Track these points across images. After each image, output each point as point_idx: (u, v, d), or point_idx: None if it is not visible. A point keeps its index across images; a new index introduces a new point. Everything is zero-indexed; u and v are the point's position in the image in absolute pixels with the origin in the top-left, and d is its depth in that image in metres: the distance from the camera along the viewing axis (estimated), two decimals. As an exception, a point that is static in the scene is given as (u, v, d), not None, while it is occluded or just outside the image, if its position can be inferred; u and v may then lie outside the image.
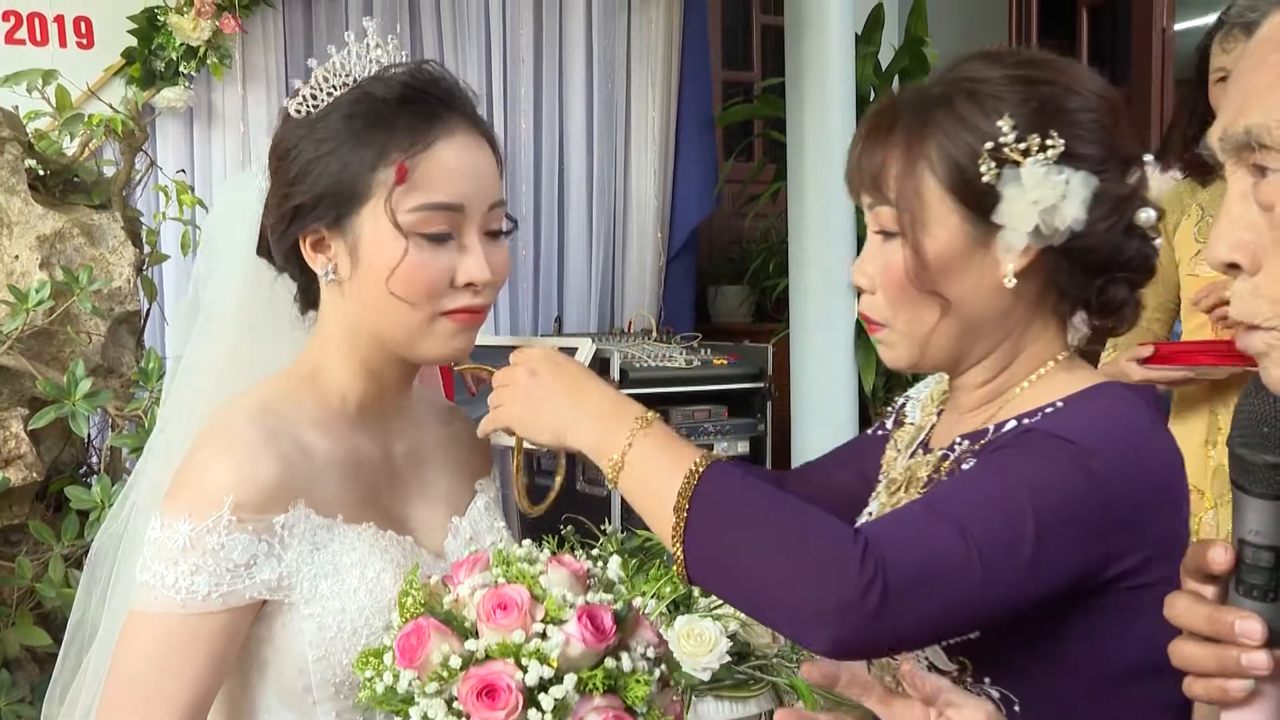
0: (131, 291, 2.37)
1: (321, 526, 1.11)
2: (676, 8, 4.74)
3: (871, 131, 1.10)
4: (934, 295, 1.08)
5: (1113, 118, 1.08)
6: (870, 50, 4.48)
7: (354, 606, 1.10)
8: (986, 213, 1.05)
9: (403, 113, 1.10)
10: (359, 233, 1.11)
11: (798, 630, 0.97)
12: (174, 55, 3.81)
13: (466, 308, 1.13)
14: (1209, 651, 0.78)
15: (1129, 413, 1.04)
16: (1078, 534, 0.93)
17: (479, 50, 4.48)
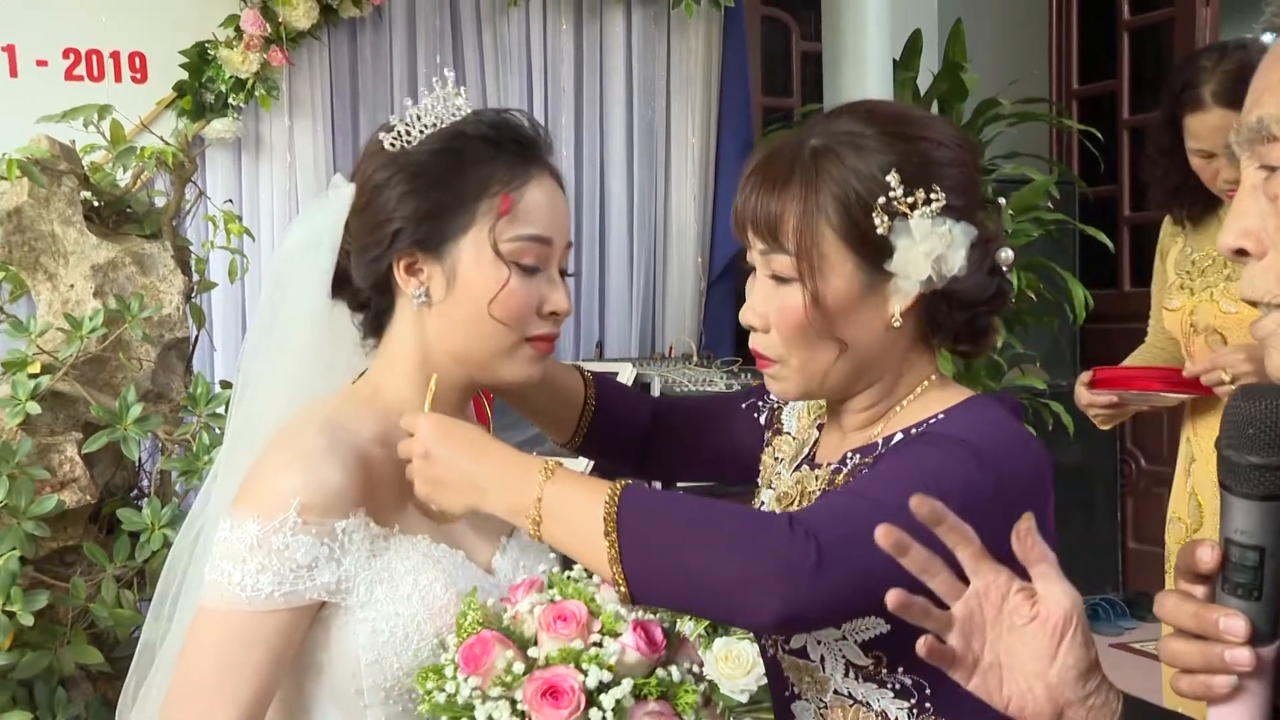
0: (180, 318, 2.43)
1: (379, 535, 1.17)
2: (715, 35, 4.78)
3: (766, 181, 1.16)
4: (830, 337, 1.16)
5: (974, 165, 1.19)
6: (909, 76, 4.49)
7: (407, 613, 1.15)
8: (880, 262, 1.13)
9: (500, 151, 1.20)
10: (458, 258, 1.19)
11: (747, 605, 1.02)
12: (223, 88, 3.90)
13: (547, 335, 1.23)
14: (1195, 648, 0.80)
15: (1003, 420, 1.14)
16: (974, 518, 0.95)
17: (520, 78, 4.54)
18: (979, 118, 4.55)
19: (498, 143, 1.20)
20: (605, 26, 4.66)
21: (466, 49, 4.47)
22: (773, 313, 1.18)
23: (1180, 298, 2.39)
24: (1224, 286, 2.30)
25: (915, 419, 1.17)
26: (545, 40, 4.59)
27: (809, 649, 1.15)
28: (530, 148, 1.23)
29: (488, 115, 1.23)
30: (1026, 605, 0.89)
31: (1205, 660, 0.80)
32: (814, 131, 1.17)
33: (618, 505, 1.05)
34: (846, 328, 1.16)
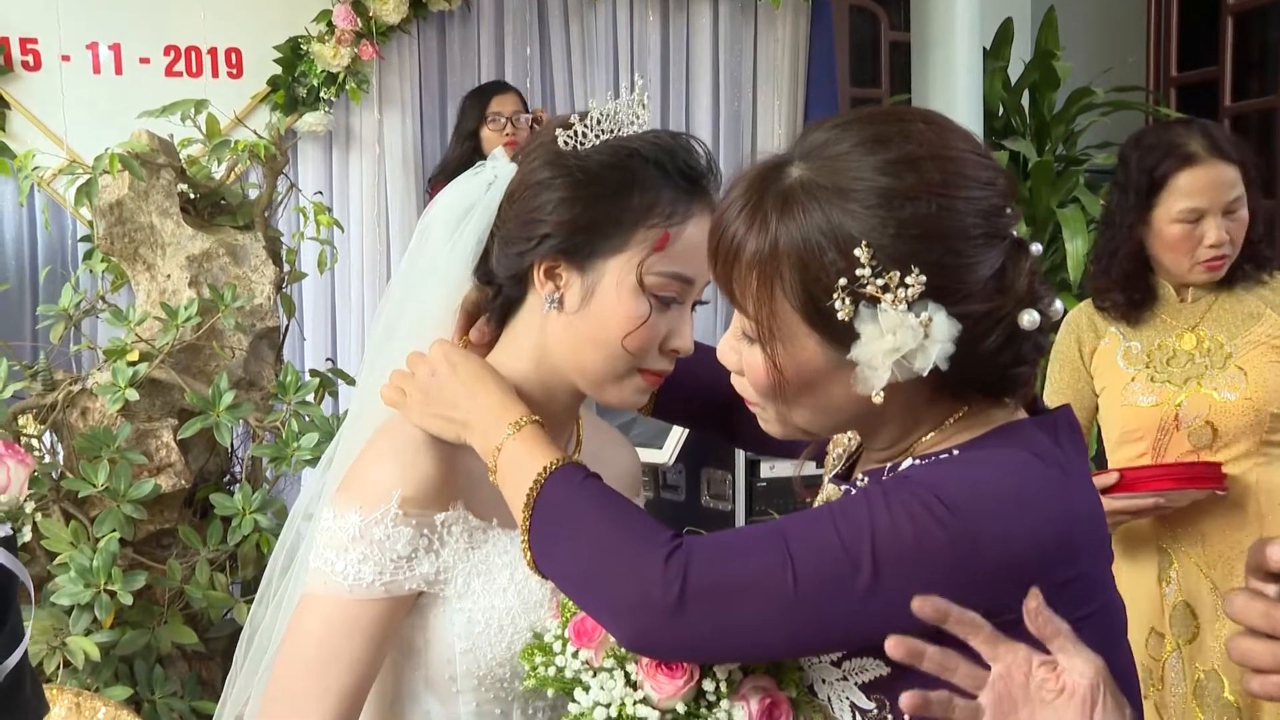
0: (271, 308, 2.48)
1: (478, 528, 1.19)
2: (803, 26, 4.75)
3: (727, 225, 1.02)
4: (805, 399, 1.03)
5: (994, 224, 0.99)
6: (999, 65, 4.43)
7: (502, 605, 1.17)
8: (844, 346, 0.98)
9: (669, 181, 1.17)
10: (601, 276, 1.16)
11: (608, 622, 1.02)
12: (315, 82, 3.98)
13: (662, 371, 1.20)
14: (1266, 648, 0.79)
15: (1015, 472, 0.99)
16: (924, 581, 0.92)
17: (606, 71, 4.56)
18: (1072, 107, 4.46)
19: (668, 171, 1.17)
20: (692, 18, 4.66)
21: (554, 42, 4.51)
22: (743, 362, 1.06)
23: (1154, 393, 2.19)
24: (1209, 375, 2.15)
25: (933, 449, 1.05)
26: (632, 33, 4.61)
27: (816, 688, 1.09)
28: (699, 182, 1.19)
29: (665, 139, 1.19)
30: (1052, 678, 0.88)
31: (1277, 660, 0.79)
32: (809, 152, 1.01)
33: (540, 488, 1.06)
34: (818, 394, 1.03)
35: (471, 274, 1.24)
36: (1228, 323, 2.19)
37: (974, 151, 1.00)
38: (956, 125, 1.03)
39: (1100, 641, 1.01)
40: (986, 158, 1.01)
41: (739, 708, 1.05)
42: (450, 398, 1.16)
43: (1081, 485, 1.03)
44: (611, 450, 1.39)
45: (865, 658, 1.03)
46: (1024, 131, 4.45)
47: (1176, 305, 2.23)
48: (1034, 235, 4.24)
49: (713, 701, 1.05)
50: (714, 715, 1.05)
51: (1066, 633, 0.88)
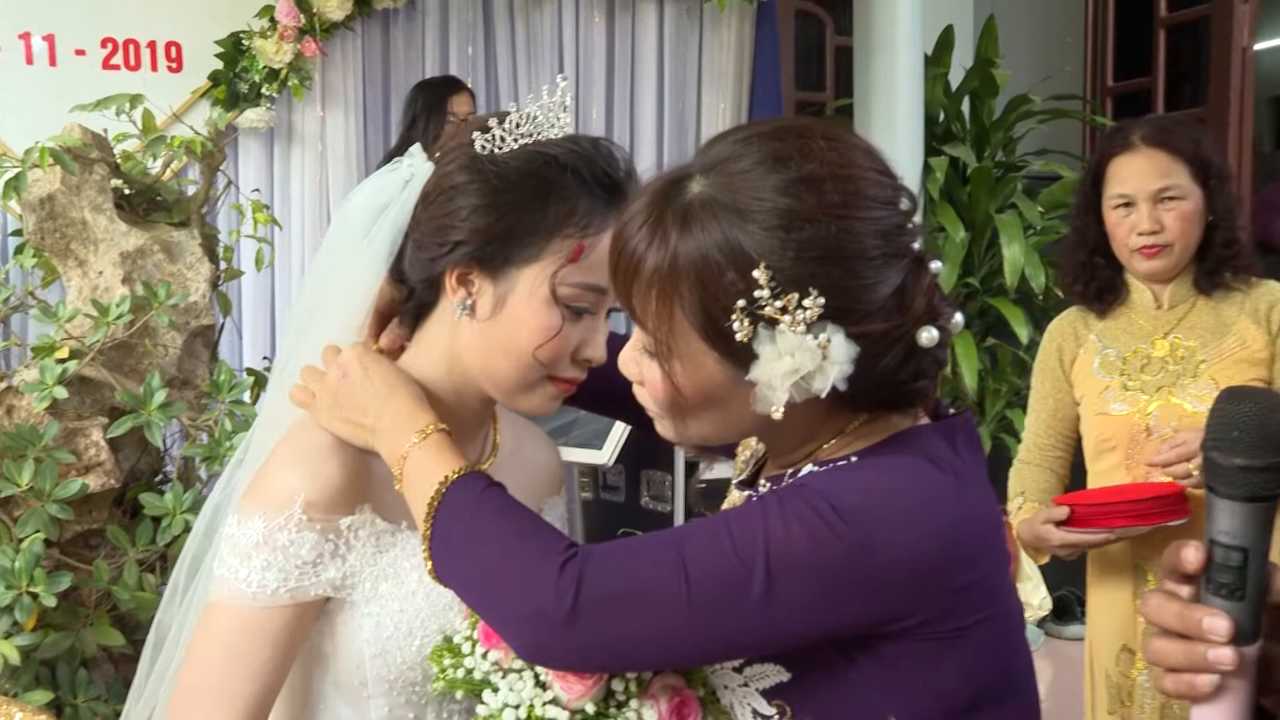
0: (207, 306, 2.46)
1: (385, 531, 1.18)
2: (748, 29, 4.78)
3: (628, 240, 1.01)
4: (704, 414, 1.03)
5: (898, 228, 0.99)
6: (940, 72, 4.48)
7: (411, 609, 1.16)
8: (743, 366, 0.97)
9: (586, 190, 1.15)
10: (514, 285, 1.15)
11: (504, 632, 1.03)
12: (257, 78, 3.95)
13: (574, 380, 1.19)
14: (1179, 647, 0.81)
15: (910, 479, 0.99)
16: (819, 590, 0.94)
17: (551, 71, 4.56)
18: (1010, 114, 4.53)
19: (586, 180, 1.15)
20: (637, 20, 4.68)
21: (499, 42, 4.50)
22: (643, 375, 1.05)
23: (1127, 401, 2.20)
24: (1181, 384, 2.16)
25: (834, 455, 1.05)
26: (577, 34, 4.61)
27: (719, 693, 1.09)
28: (617, 190, 1.16)
29: (584, 146, 1.16)
30: None
31: (1189, 659, 0.81)
32: (711, 167, 1.00)
33: (442, 497, 1.07)
34: (717, 410, 1.03)
35: (386, 273, 1.22)
36: (1202, 331, 2.16)
37: (875, 169, 1.00)
38: (859, 141, 1.02)
39: (997, 645, 1.03)
40: (888, 175, 1.01)
41: (649, 707, 1.06)
42: (360, 403, 1.15)
43: (977, 491, 1.04)
44: (531, 448, 1.38)
45: (766, 664, 1.04)
46: (964, 137, 4.51)
47: (1153, 311, 2.21)
48: (972, 240, 4.30)
49: (622, 701, 1.06)
50: (624, 715, 1.06)
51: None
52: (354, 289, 1.23)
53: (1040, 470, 2.33)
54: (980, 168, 4.29)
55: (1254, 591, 0.81)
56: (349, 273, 1.23)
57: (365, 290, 1.23)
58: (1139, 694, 2.20)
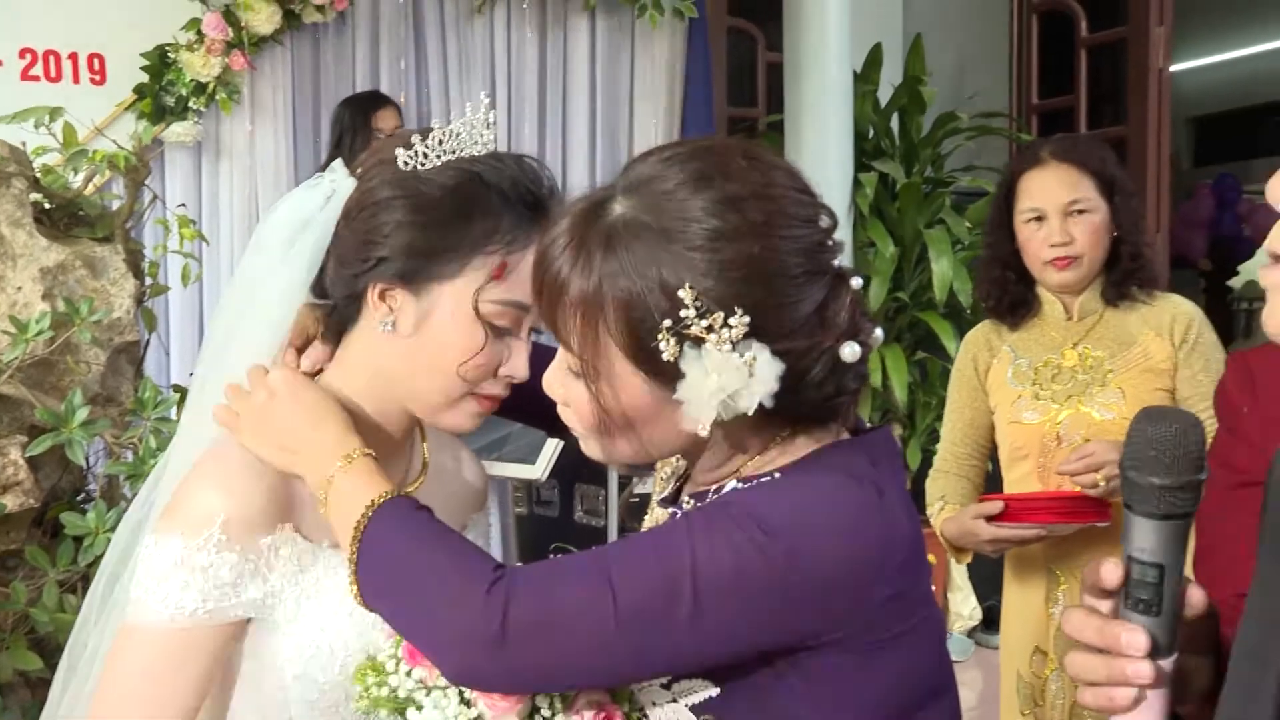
0: (131, 322, 2.42)
1: (307, 550, 1.17)
2: (680, 45, 4.80)
3: (552, 261, 1.01)
4: (630, 433, 1.04)
5: (819, 245, 1.01)
6: (869, 89, 4.54)
7: (334, 628, 1.15)
8: (669, 385, 0.98)
9: (509, 207, 1.15)
10: (436, 302, 1.15)
11: (432, 656, 1.03)
12: (184, 91, 3.89)
13: (497, 396, 1.19)
14: (1099, 662, 0.84)
15: (832, 494, 1.01)
16: (746, 607, 0.95)
17: (484, 86, 4.54)
18: (938, 131, 4.60)
19: (510, 197, 1.16)
20: (569, 35, 4.68)
21: (430, 56, 4.48)
22: (569, 396, 1.06)
23: (1038, 410, 2.25)
24: (1089, 394, 2.21)
25: (757, 471, 1.06)
26: (510, 48, 4.60)
27: (647, 710, 1.09)
28: (540, 208, 1.17)
29: (508, 163, 1.18)
30: None
31: (1109, 674, 0.84)
32: (633, 188, 1.01)
33: (368, 521, 1.06)
34: (643, 429, 1.03)
35: (308, 290, 1.21)
36: (1110, 342, 2.22)
37: (796, 188, 1.02)
38: (779, 161, 1.04)
39: (920, 654, 1.05)
40: (808, 194, 1.03)
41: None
42: (285, 426, 1.14)
43: (897, 504, 1.05)
44: (456, 465, 1.38)
45: (694, 679, 1.04)
46: (893, 154, 4.58)
47: (1063, 323, 2.27)
48: (901, 255, 4.36)
49: (547, 718, 1.05)
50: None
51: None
52: (274, 305, 1.22)
53: (957, 479, 2.38)
54: (909, 183, 4.35)
55: (1170, 606, 0.83)
56: (269, 289, 1.22)
57: (286, 306, 1.22)
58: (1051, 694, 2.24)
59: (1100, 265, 2.24)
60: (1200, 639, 0.90)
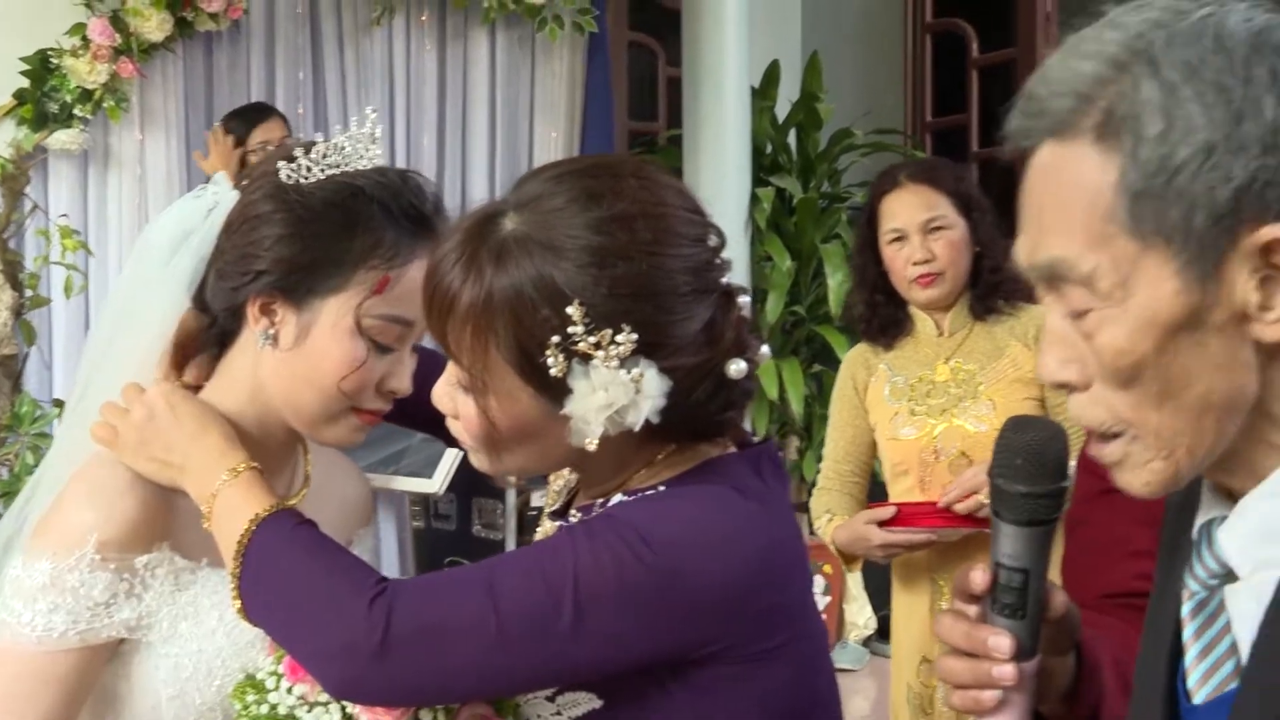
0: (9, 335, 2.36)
1: (185, 569, 1.15)
2: (580, 59, 4.82)
3: (443, 276, 1.02)
4: (519, 447, 1.05)
5: (708, 264, 1.03)
6: (767, 104, 4.61)
7: (211, 648, 1.14)
8: (558, 400, 0.99)
9: (392, 223, 1.15)
10: (317, 316, 1.14)
11: (313, 669, 1.04)
12: (69, 98, 3.79)
13: (379, 411, 1.19)
14: (966, 665, 0.86)
15: (715, 507, 1.02)
16: (628, 619, 0.97)
17: (383, 98, 4.51)
18: (834, 147, 4.68)
19: (393, 212, 1.15)
20: (469, 49, 4.66)
21: (328, 66, 4.43)
22: (458, 409, 1.06)
23: (914, 425, 2.32)
24: (962, 406, 2.28)
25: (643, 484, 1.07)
26: (409, 61, 4.57)
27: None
28: (424, 223, 1.17)
29: (392, 178, 1.17)
30: None
31: (975, 676, 0.86)
32: (524, 204, 1.02)
33: (252, 535, 1.06)
34: (532, 443, 1.04)
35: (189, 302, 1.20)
36: (979, 355, 2.30)
37: (685, 207, 1.04)
38: (669, 180, 1.06)
39: (803, 665, 1.06)
40: (697, 213, 1.05)
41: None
42: (167, 441, 1.13)
43: (780, 516, 1.08)
44: (341, 480, 1.37)
45: (579, 692, 1.05)
46: (790, 169, 4.64)
47: (935, 339, 2.34)
48: (798, 269, 4.42)
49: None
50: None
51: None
52: (154, 318, 1.21)
53: (841, 495, 2.44)
54: (806, 198, 4.42)
55: (1034, 610, 0.86)
56: (150, 301, 1.21)
57: (166, 319, 1.20)
58: (939, 703, 2.29)
59: (964, 281, 2.32)
60: (1061, 640, 0.93)
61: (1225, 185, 0.69)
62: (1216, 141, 0.69)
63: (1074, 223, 0.74)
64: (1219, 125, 0.69)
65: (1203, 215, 0.70)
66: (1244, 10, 0.71)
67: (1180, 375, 0.72)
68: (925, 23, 5.36)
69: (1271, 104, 0.69)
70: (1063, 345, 0.76)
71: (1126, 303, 0.72)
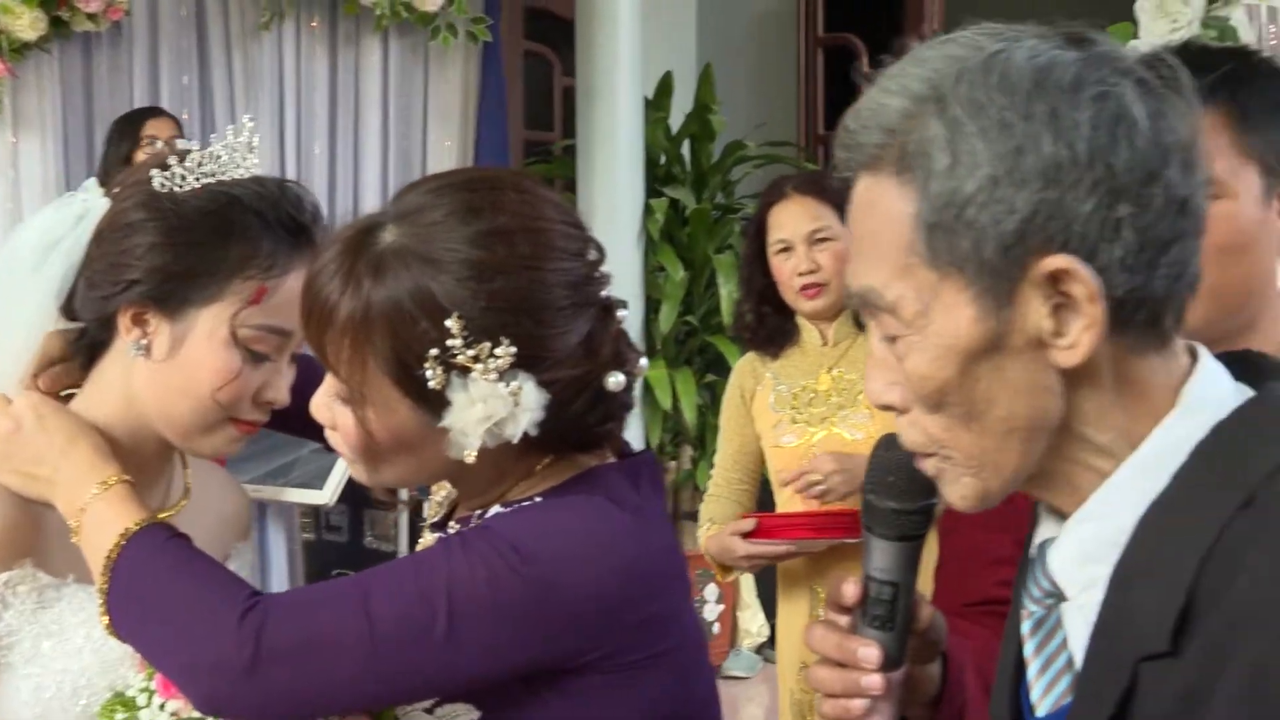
0: None
1: (49, 586, 1.13)
2: (474, 68, 4.78)
3: (321, 287, 1.01)
4: (397, 458, 1.04)
5: (587, 278, 1.04)
6: (660, 115, 4.64)
7: (77, 667, 1.11)
8: (436, 413, 0.99)
9: (269, 233, 1.14)
10: (192, 326, 1.13)
11: (183, 685, 1.03)
12: (-66, 97, 3.65)
13: (257, 422, 1.18)
14: (837, 675, 0.89)
15: (590, 518, 1.03)
16: (502, 629, 0.98)
17: (272, 104, 4.43)
18: (728, 158, 4.73)
19: (269, 222, 1.15)
20: (361, 55, 4.60)
21: (215, 71, 4.33)
22: (335, 420, 1.05)
23: (796, 433, 2.36)
24: (841, 415, 2.34)
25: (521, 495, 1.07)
26: (299, 67, 4.49)
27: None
28: (301, 234, 1.16)
29: (269, 188, 1.17)
30: None
31: (845, 686, 0.89)
32: (403, 216, 1.02)
33: (121, 550, 1.04)
34: (413, 456, 1.04)
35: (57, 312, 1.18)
36: (861, 364, 2.27)
37: (564, 221, 1.05)
38: (549, 194, 1.08)
39: (680, 674, 1.07)
40: (576, 227, 1.06)
41: None
42: (35, 454, 1.11)
43: (656, 526, 1.09)
44: (218, 493, 1.35)
45: (457, 704, 1.04)
46: (684, 180, 4.68)
47: (820, 348, 2.39)
48: (692, 280, 4.46)
49: None
50: None
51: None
52: (20, 328, 1.19)
53: (728, 502, 2.47)
54: (699, 209, 4.46)
55: (902, 622, 0.89)
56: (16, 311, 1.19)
57: (33, 329, 1.18)
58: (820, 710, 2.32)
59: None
60: (928, 649, 0.97)
61: (1010, 217, 0.72)
62: (1000, 175, 0.72)
63: (882, 253, 0.77)
64: (1002, 160, 0.72)
65: (991, 246, 0.73)
66: (1031, 47, 0.74)
67: (983, 399, 0.75)
68: (817, 37, 5.44)
69: (1049, 140, 0.71)
70: (885, 369, 0.79)
71: (928, 330, 0.75)
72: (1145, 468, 0.75)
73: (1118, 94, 0.72)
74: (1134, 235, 0.72)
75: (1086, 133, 0.71)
